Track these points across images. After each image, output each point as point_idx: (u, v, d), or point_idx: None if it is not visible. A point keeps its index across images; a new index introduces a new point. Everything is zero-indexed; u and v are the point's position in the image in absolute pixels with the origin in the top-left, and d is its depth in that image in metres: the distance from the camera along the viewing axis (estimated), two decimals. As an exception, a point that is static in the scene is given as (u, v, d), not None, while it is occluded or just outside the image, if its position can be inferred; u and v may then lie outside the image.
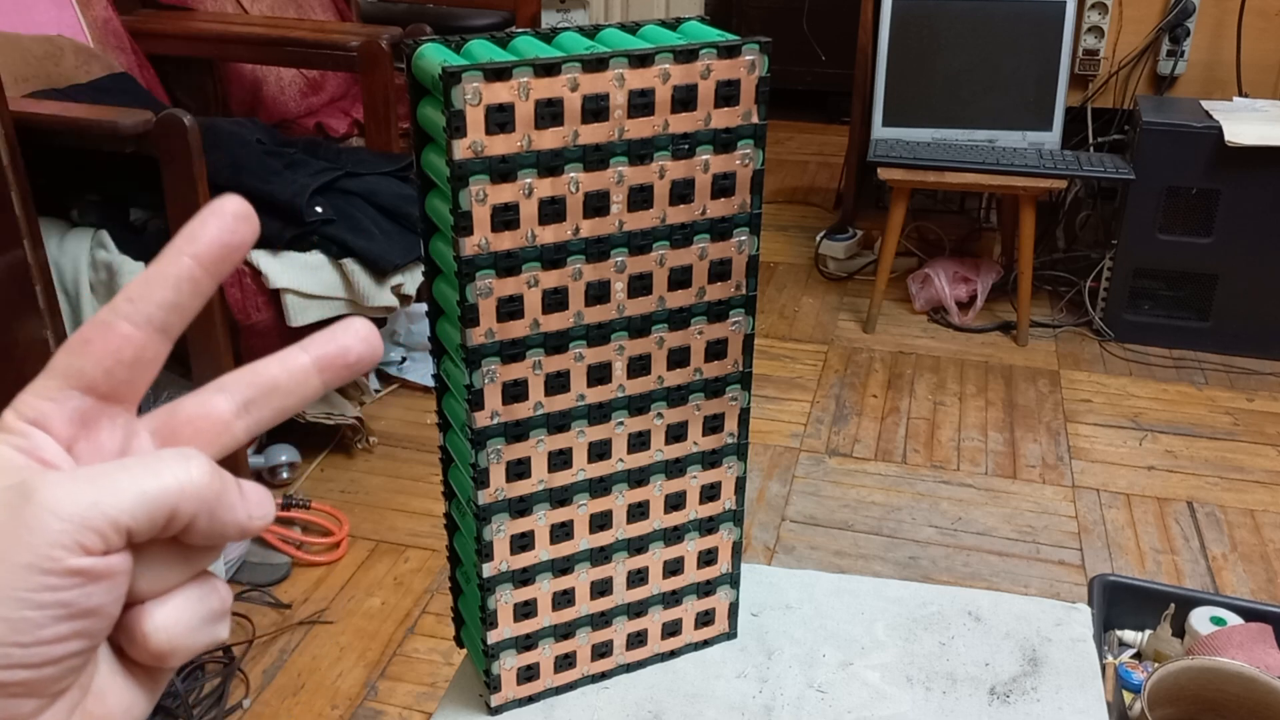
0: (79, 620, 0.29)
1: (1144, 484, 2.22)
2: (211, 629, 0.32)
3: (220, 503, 0.31)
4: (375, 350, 0.35)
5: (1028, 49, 2.75)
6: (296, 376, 0.34)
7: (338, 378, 0.35)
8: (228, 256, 0.33)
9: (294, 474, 2.16)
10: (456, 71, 0.56)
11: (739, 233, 0.67)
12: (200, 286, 0.33)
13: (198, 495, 0.30)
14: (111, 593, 0.29)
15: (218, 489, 0.31)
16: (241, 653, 1.73)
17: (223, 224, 0.33)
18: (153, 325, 0.32)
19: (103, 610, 0.29)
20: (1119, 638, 1.60)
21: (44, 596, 0.28)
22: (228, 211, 0.33)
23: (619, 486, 0.71)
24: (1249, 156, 2.51)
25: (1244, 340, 2.69)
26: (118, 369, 0.32)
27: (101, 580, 0.29)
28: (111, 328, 0.32)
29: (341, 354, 0.35)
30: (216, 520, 0.31)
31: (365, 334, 0.35)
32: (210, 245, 0.32)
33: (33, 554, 0.28)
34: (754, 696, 0.75)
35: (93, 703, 0.31)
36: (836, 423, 2.44)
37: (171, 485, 0.29)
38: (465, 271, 0.61)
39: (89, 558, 0.28)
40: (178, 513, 0.30)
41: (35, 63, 2.07)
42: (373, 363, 0.35)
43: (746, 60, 0.63)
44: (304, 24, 2.69)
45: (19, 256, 1.60)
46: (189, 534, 0.31)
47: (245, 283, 1.93)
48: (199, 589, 0.32)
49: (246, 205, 0.33)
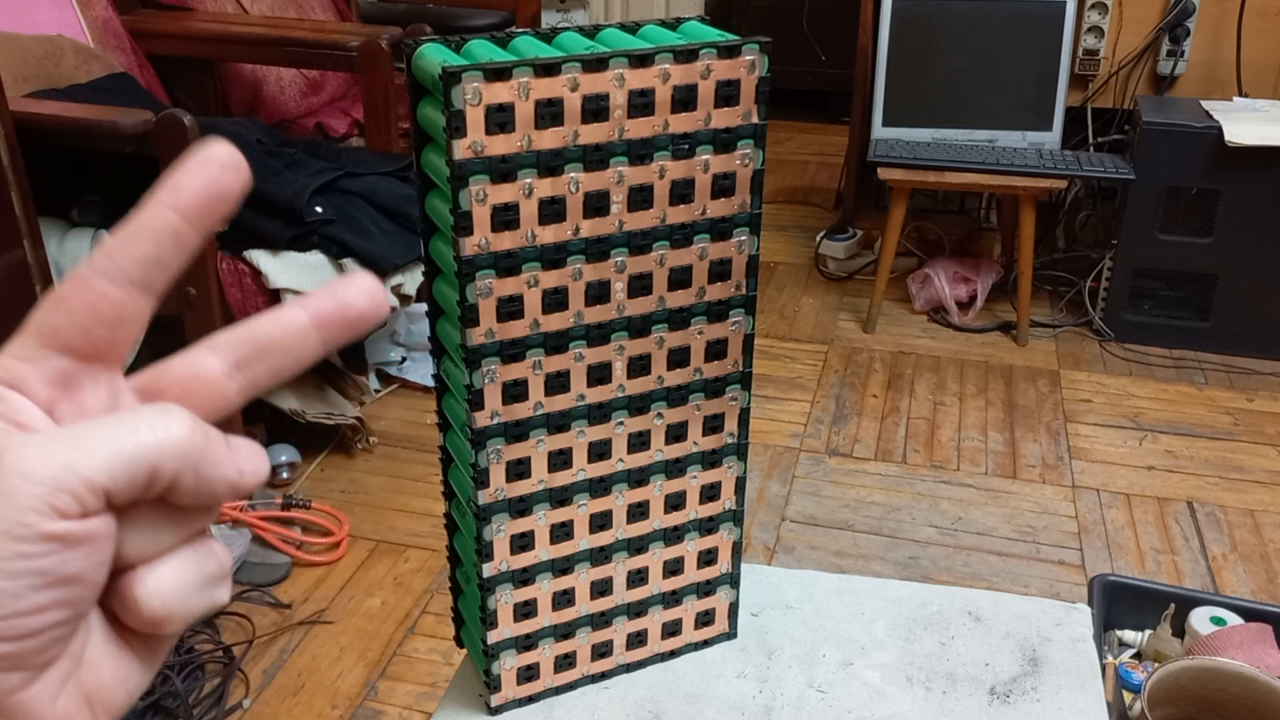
0: (58, 589, 0.27)
1: (1144, 484, 2.22)
2: (209, 592, 0.31)
3: (205, 459, 0.29)
4: (379, 306, 0.33)
5: (1028, 49, 2.75)
6: (293, 334, 0.32)
7: (338, 335, 0.33)
8: (213, 207, 0.31)
9: (294, 474, 2.16)
10: (456, 71, 0.56)
11: (739, 233, 0.67)
12: (184, 240, 0.30)
13: (179, 451, 0.28)
14: (92, 558, 0.28)
15: (201, 444, 0.29)
16: (241, 653, 1.73)
17: (209, 174, 0.30)
18: (132, 281, 0.30)
19: (84, 577, 0.28)
20: (1119, 638, 1.60)
21: (18, 565, 0.26)
22: (214, 160, 0.30)
23: (619, 486, 0.71)
24: (1249, 156, 2.51)
25: (1244, 340, 2.69)
26: (96, 328, 0.30)
27: (80, 545, 0.27)
28: (88, 284, 0.30)
29: (341, 310, 0.32)
30: (203, 478, 0.29)
31: (368, 288, 0.33)
32: (195, 197, 0.30)
33: (4, 520, 0.26)
34: (754, 696, 0.75)
35: (86, 674, 0.30)
36: (836, 423, 2.44)
37: (150, 441, 0.28)
38: (465, 271, 0.61)
39: (64, 521, 0.27)
40: (159, 471, 0.28)
41: (35, 63, 2.07)
42: (377, 319, 0.33)
43: (746, 60, 0.63)
44: (304, 24, 2.69)
45: (19, 256, 1.60)
46: (176, 493, 0.29)
47: (245, 283, 1.93)
48: (194, 551, 0.31)
49: (235, 152, 0.31)
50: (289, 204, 1.95)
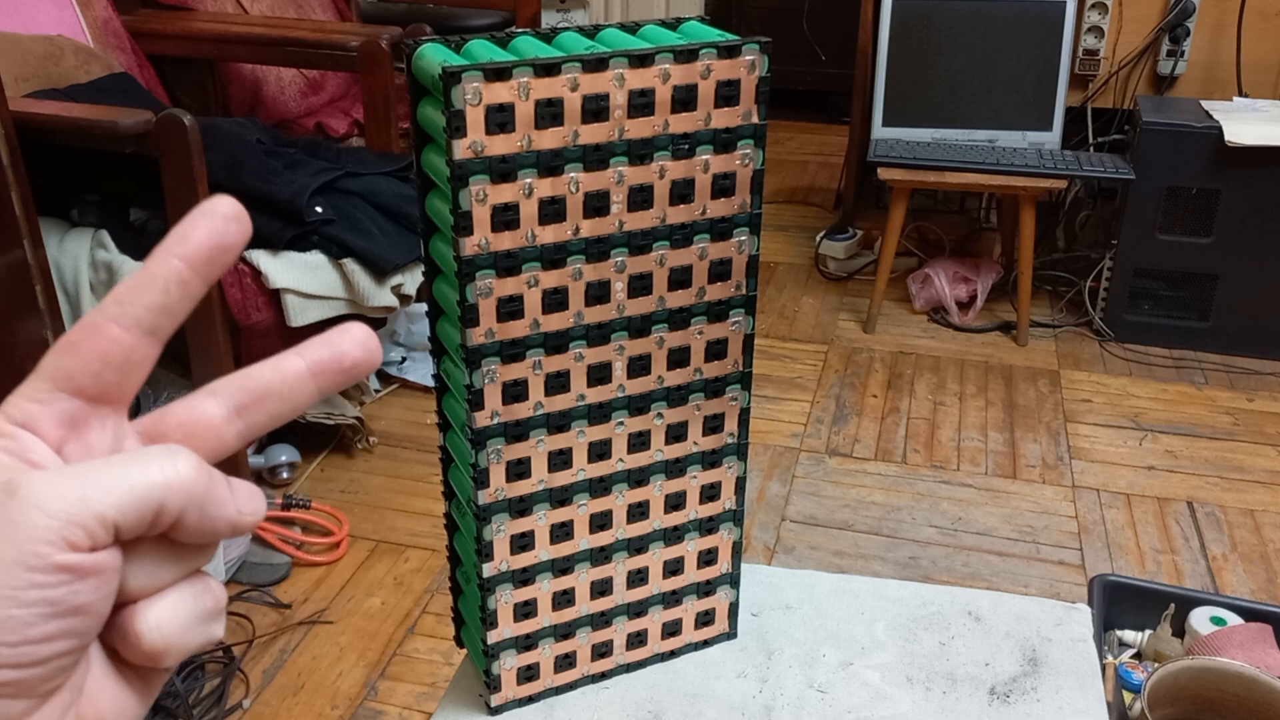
0: (67, 619, 0.28)
1: (1144, 484, 2.22)
2: (205, 628, 0.32)
3: (209, 498, 0.30)
4: (373, 356, 0.35)
5: (1028, 49, 2.75)
6: (290, 382, 0.34)
7: (333, 383, 0.34)
8: (218, 258, 0.32)
9: (294, 474, 2.16)
10: (456, 71, 0.56)
11: (739, 233, 0.67)
12: (190, 289, 0.32)
13: (185, 490, 0.30)
14: (100, 590, 0.29)
15: (205, 484, 0.30)
16: (241, 653, 1.73)
17: (213, 225, 0.32)
18: (141, 328, 0.32)
19: (91, 608, 0.29)
20: (1119, 638, 1.60)
21: (31, 594, 0.27)
22: (219, 213, 0.32)
23: (619, 486, 0.71)
24: (1249, 156, 2.51)
25: (1244, 340, 2.69)
26: (106, 371, 0.32)
27: (89, 577, 0.28)
28: (100, 330, 0.32)
29: (337, 360, 0.34)
30: (206, 516, 0.31)
31: (362, 339, 0.34)
32: (200, 247, 0.32)
33: (18, 551, 0.27)
34: (754, 696, 0.75)
35: (85, 705, 0.31)
36: (836, 423, 2.44)
37: (159, 480, 0.29)
38: (465, 271, 0.61)
39: (76, 554, 0.28)
40: (165, 508, 0.29)
41: (35, 63, 2.07)
42: (370, 369, 0.35)
43: (746, 60, 0.63)
44: (304, 24, 2.69)
45: (19, 256, 1.60)
46: (179, 530, 0.30)
47: (245, 283, 1.93)
48: (192, 587, 0.32)
49: (238, 206, 0.33)
50: (289, 204, 1.95)
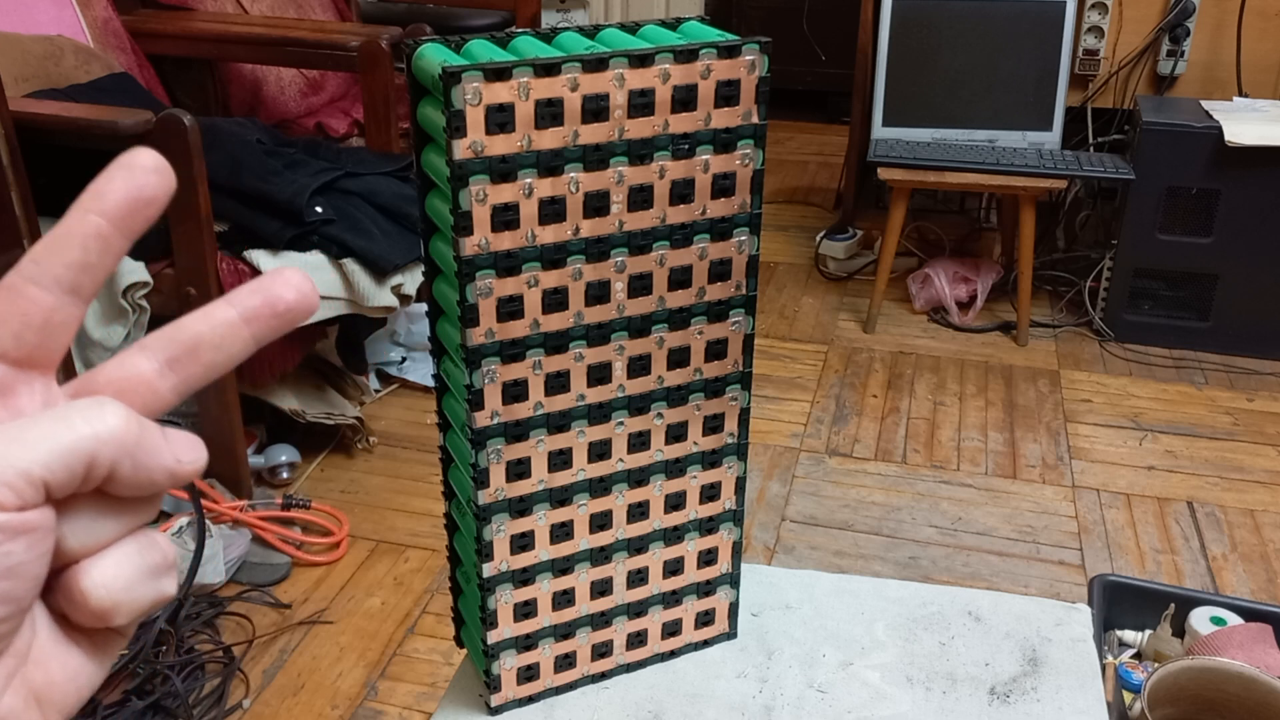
0: (1, 581, 0.28)
1: (1144, 484, 2.22)
2: (155, 583, 0.31)
3: (141, 448, 0.29)
4: (307, 299, 0.33)
5: (1028, 49, 2.75)
6: (222, 331, 0.33)
7: (268, 330, 0.33)
8: (139, 211, 0.31)
9: (294, 474, 2.16)
10: (456, 71, 0.56)
11: (739, 233, 0.67)
12: (111, 244, 0.31)
13: (115, 441, 0.29)
14: (32, 550, 0.28)
15: (136, 434, 0.29)
16: (241, 653, 1.73)
17: (132, 178, 0.31)
18: (61, 287, 0.31)
19: (25, 569, 0.28)
20: (1119, 638, 1.60)
21: None
22: (137, 164, 0.31)
23: (619, 486, 0.71)
24: (1249, 156, 2.51)
25: (1244, 340, 2.69)
26: (27, 333, 0.31)
27: (19, 537, 0.27)
28: (17, 291, 0.31)
29: (269, 305, 0.33)
30: (141, 467, 0.30)
31: (296, 282, 0.33)
32: (120, 201, 0.31)
33: None
34: (754, 696, 0.75)
35: (34, 671, 0.30)
36: (836, 423, 2.44)
37: (86, 433, 0.28)
38: (465, 271, 0.61)
39: (4, 513, 0.27)
40: (96, 461, 0.28)
41: (35, 63, 2.07)
42: (306, 313, 0.33)
43: (746, 60, 0.63)
44: (304, 24, 2.69)
45: (19, 256, 1.60)
46: (114, 484, 0.29)
47: (245, 282, 1.93)
48: (136, 543, 0.31)
49: (159, 158, 0.32)
50: (289, 204, 1.95)
